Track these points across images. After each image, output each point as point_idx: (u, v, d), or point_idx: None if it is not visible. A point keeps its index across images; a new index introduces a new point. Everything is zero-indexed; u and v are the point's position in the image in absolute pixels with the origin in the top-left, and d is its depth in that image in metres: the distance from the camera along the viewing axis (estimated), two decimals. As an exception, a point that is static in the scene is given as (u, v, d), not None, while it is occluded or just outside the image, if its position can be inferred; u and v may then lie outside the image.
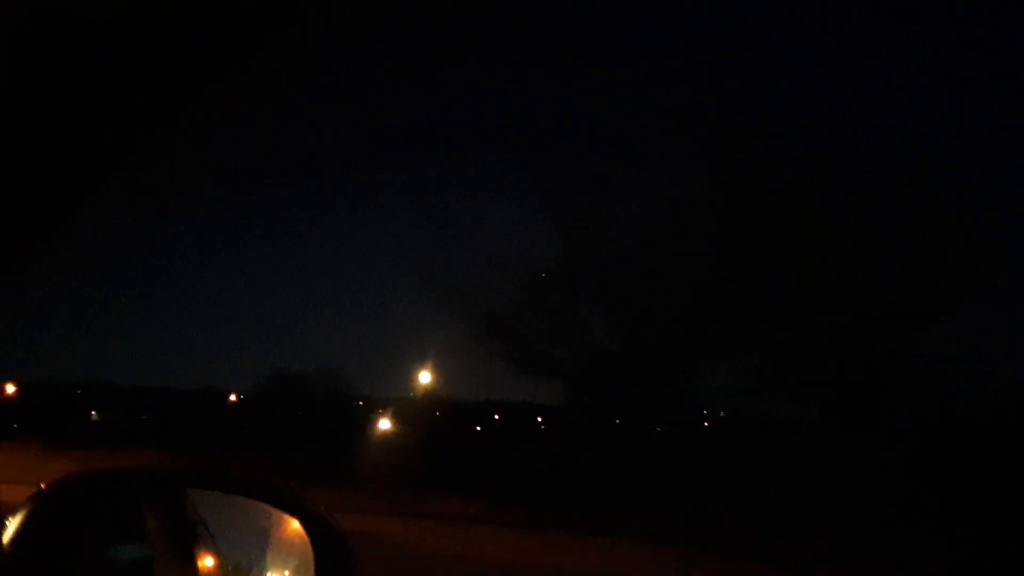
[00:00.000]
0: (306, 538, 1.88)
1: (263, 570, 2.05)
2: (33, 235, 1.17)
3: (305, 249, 68.86)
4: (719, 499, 14.68)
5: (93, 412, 41.62)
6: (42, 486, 1.85)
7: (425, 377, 33.46)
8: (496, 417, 41.77)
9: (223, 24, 1.10)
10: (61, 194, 1.18)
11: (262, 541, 2.04)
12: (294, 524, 1.93)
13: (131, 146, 1.19)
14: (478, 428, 39.60)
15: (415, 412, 36.37)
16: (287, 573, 2.01)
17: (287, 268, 76.50)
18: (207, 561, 2.06)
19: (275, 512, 1.96)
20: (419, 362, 33.33)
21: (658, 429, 31.39)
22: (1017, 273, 22.38)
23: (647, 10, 34.66)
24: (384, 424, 36.20)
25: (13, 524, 1.73)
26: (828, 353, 20.87)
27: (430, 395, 35.42)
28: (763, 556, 9.94)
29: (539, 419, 39.86)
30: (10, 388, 38.31)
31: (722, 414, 35.96)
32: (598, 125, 27.11)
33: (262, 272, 79.37)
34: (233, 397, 40.53)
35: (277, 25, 1.15)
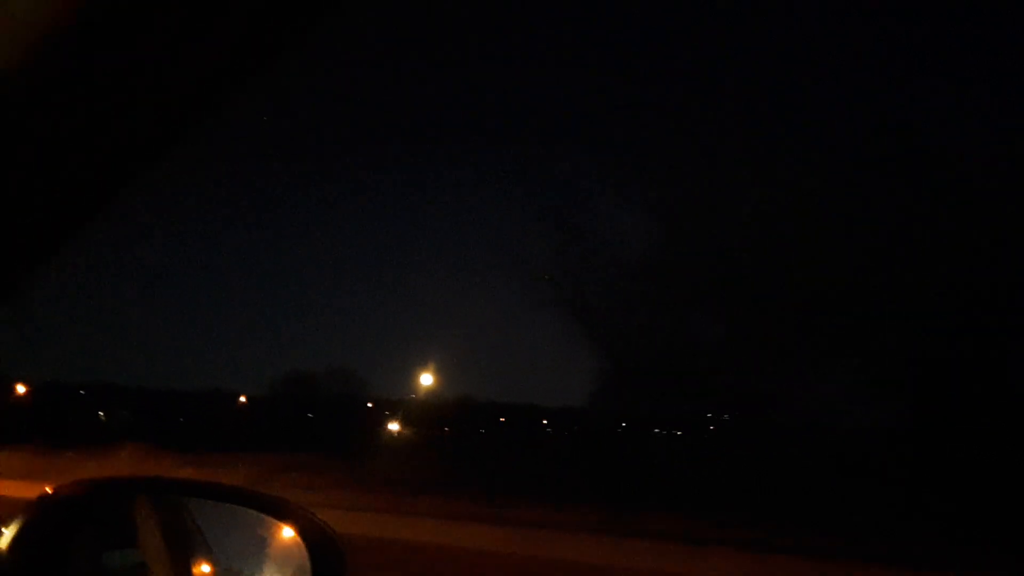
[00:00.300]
0: (301, 544, 1.89)
1: None
2: (45, 243, 1.18)
3: (310, 250, 69.03)
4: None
5: (100, 413, 41.79)
6: (48, 490, 1.87)
7: (427, 379, 33.45)
8: (502, 420, 41.77)
9: (253, 23, 1.09)
10: (74, 201, 1.19)
11: (258, 549, 2.05)
12: (289, 531, 1.94)
13: (148, 152, 1.19)
14: (481, 430, 39.52)
15: (423, 414, 36.37)
16: None
17: (292, 270, 76.69)
18: (203, 568, 2.08)
19: (270, 519, 1.98)
20: (422, 364, 33.35)
21: (656, 430, 31.23)
22: None
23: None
24: (394, 426, 36.21)
25: (10, 530, 1.75)
26: (936, 357, 19.99)
27: (436, 397, 35.44)
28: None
29: (544, 422, 39.89)
30: (20, 389, 38.49)
31: (725, 416, 35.80)
32: (701, 117, 26.84)
33: (269, 273, 79.59)
34: (243, 399, 40.57)
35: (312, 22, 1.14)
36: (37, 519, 1.80)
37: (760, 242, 21.81)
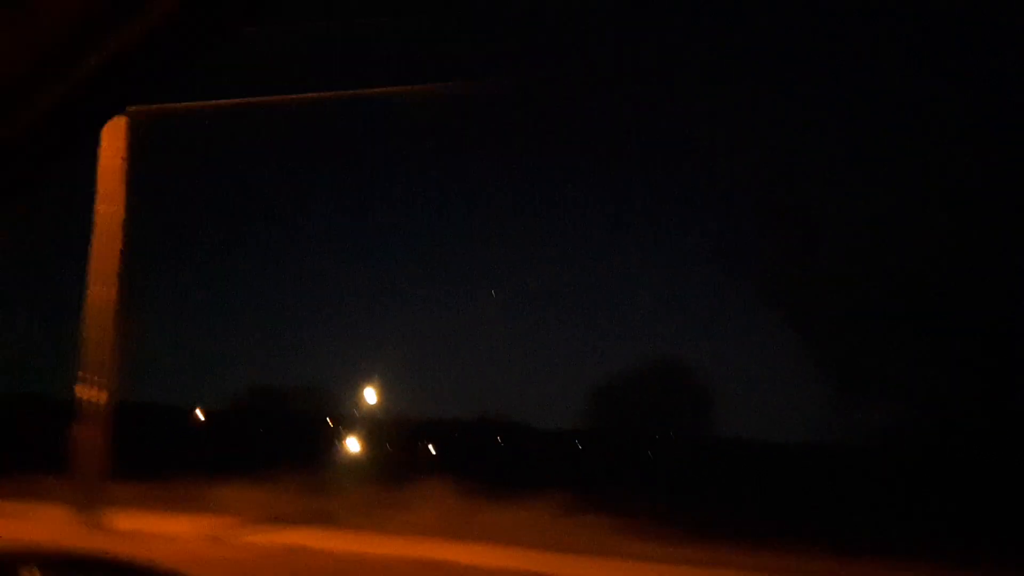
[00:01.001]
0: None
1: None
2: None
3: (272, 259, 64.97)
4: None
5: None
6: None
7: (371, 394, 33.91)
8: (456, 436, 42.65)
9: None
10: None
11: None
12: None
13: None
14: (431, 449, 39.91)
15: (380, 431, 36.86)
16: None
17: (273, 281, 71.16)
18: None
19: None
20: (367, 379, 33.44)
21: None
22: None
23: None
24: (353, 444, 36.37)
25: None
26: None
27: (387, 413, 35.83)
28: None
29: (498, 437, 40.91)
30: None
31: (671, 434, 38.49)
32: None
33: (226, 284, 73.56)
34: (200, 415, 39.48)
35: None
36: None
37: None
